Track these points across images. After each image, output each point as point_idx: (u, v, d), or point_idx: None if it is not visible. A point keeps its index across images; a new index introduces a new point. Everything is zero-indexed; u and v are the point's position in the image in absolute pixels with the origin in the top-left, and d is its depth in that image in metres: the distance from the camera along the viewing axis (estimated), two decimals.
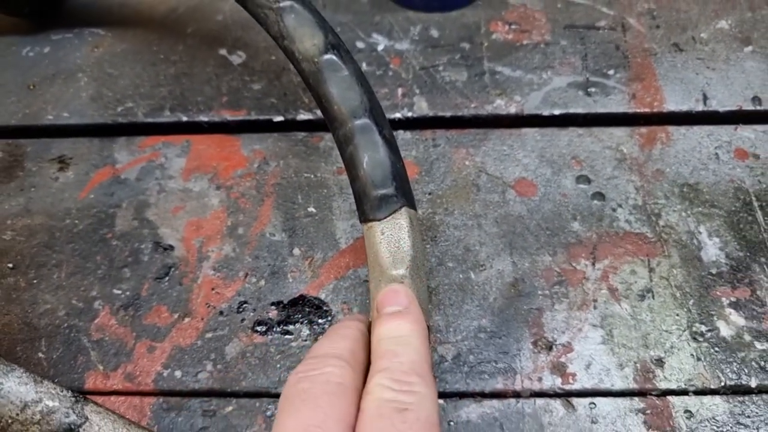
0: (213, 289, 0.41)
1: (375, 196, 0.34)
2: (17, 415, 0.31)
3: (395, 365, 0.28)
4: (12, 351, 0.40)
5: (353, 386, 0.28)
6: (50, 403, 0.32)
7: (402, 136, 0.46)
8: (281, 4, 0.38)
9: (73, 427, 0.32)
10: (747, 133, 0.45)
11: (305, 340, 0.39)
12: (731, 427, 0.36)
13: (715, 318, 0.39)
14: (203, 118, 0.48)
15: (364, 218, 0.34)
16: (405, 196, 0.34)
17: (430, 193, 0.44)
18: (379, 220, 0.34)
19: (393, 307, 0.31)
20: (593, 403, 0.37)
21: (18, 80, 0.51)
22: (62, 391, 0.33)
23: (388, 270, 0.33)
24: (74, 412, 0.32)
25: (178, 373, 0.39)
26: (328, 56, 0.37)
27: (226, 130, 0.48)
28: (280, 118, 0.47)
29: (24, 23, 0.54)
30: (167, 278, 0.42)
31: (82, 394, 0.33)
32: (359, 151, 0.35)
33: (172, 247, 0.43)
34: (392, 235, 0.33)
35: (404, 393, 0.27)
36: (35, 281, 0.42)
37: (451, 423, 0.37)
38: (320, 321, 0.40)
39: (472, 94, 0.48)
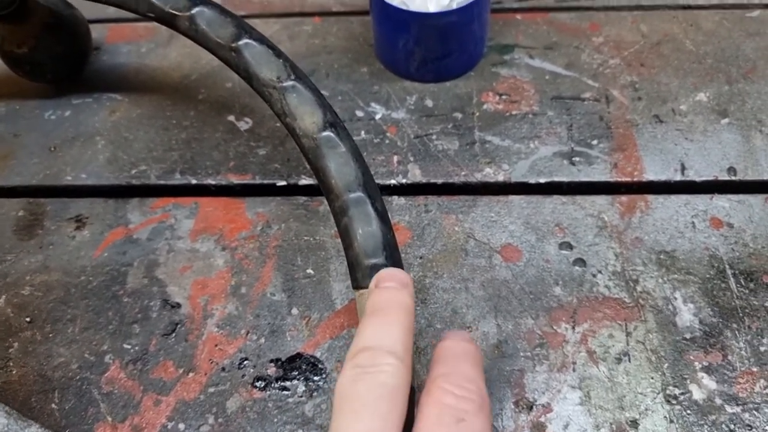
0: (216, 345, 0.44)
1: (366, 265, 0.37)
2: None
3: (456, 372, 0.30)
4: (27, 402, 0.42)
5: (406, 386, 0.29)
6: None
7: (396, 201, 0.49)
8: (284, 84, 0.42)
9: None
10: (722, 202, 0.48)
11: (301, 396, 0.42)
12: None
13: (688, 381, 0.41)
14: (211, 182, 0.51)
15: (356, 285, 0.37)
16: (395, 265, 0.37)
17: (421, 257, 0.47)
18: None
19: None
20: None
21: (40, 142, 0.55)
22: None
23: None
24: None
25: (181, 426, 0.41)
26: (326, 133, 0.40)
27: (232, 194, 0.51)
28: (282, 183, 0.51)
29: (47, 88, 0.58)
30: (174, 334, 0.44)
31: None
32: (353, 222, 0.38)
33: (179, 305, 0.46)
34: None
35: (463, 400, 0.28)
36: (51, 335, 0.45)
37: None
38: (315, 378, 0.42)
39: (463, 162, 0.51)
